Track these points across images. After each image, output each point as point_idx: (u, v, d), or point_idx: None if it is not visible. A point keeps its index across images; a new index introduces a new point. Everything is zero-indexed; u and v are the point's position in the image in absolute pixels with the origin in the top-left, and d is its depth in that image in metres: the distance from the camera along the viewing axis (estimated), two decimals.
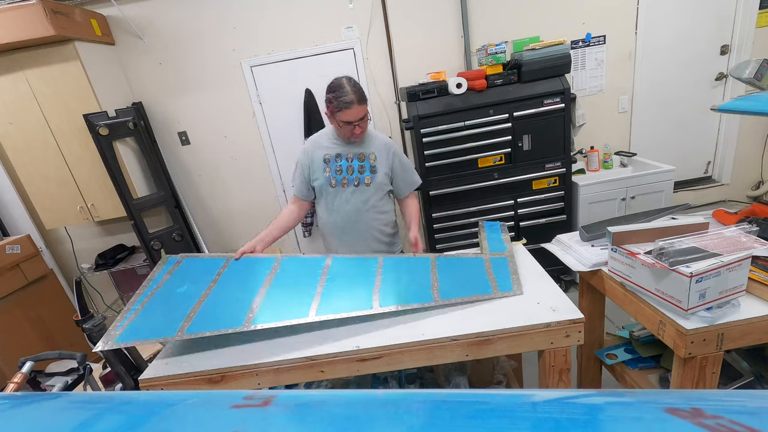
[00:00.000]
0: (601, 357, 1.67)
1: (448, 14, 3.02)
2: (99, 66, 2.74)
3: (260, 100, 3.18)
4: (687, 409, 0.32)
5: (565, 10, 3.03)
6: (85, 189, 2.85)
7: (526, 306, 1.26)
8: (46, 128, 2.68)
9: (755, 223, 1.33)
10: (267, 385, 1.22)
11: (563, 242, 1.60)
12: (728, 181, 3.49)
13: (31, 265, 2.87)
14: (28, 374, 1.38)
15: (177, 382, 1.21)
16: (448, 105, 2.65)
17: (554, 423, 0.33)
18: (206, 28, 2.98)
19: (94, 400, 0.50)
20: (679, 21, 3.09)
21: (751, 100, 1.41)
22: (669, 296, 1.11)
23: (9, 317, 2.68)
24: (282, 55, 3.07)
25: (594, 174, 3.12)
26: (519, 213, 2.88)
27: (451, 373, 1.62)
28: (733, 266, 1.06)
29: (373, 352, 1.18)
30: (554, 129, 2.70)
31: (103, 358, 1.58)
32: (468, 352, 1.19)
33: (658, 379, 1.50)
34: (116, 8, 2.80)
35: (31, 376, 1.42)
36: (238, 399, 0.41)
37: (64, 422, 0.43)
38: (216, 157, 3.31)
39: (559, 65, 2.59)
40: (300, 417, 0.39)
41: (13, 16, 2.30)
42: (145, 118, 3.08)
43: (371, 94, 3.18)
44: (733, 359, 1.44)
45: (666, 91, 3.25)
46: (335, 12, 2.99)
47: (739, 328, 1.09)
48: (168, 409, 0.43)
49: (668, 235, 1.19)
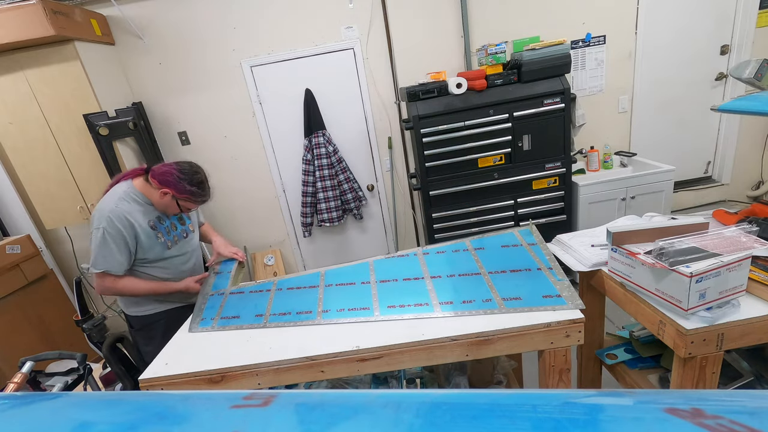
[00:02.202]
0: (601, 357, 1.67)
1: (448, 14, 3.02)
2: (99, 66, 2.74)
3: (260, 100, 3.18)
4: (687, 409, 0.32)
5: (565, 10, 3.03)
6: (85, 189, 2.85)
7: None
8: (46, 128, 2.68)
9: (755, 223, 1.33)
10: (267, 385, 1.22)
11: (563, 242, 1.60)
12: (728, 181, 3.49)
13: (31, 265, 2.87)
14: (28, 374, 1.38)
15: (177, 382, 1.21)
16: (448, 105, 2.65)
17: (554, 423, 0.33)
18: (206, 28, 2.98)
19: (94, 400, 0.50)
20: (679, 21, 3.09)
21: (751, 100, 1.41)
22: (669, 296, 1.11)
23: (9, 317, 2.68)
24: (282, 55, 3.07)
25: (594, 174, 3.12)
26: (519, 213, 2.88)
27: (451, 373, 1.62)
28: (733, 266, 1.06)
29: (373, 352, 1.18)
30: (554, 129, 2.70)
31: (103, 358, 1.58)
32: (468, 352, 1.19)
33: (658, 379, 1.49)
34: (116, 8, 2.80)
35: (31, 376, 1.42)
36: (238, 399, 0.41)
37: (64, 422, 0.43)
38: (216, 157, 3.31)
39: (559, 65, 2.59)
40: (300, 417, 0.39)
41: (13, 16, 2.30)
42: (145, 118, 3.08)
43: (371, 94, 3.19)
44: (733, 359, 1.44)
45: (666, 91, 3.26)
46: (335, 12, 2.99)
47: (739, 328, 1.09)
48: (168, 409, 0.43)
49: (668, 235, 1.19)
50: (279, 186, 3.42)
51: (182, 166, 1.60)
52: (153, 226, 1.64)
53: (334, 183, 3.23)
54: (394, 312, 1.32)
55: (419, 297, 1.37)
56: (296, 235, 3.58)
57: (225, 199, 3.43)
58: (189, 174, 1.58)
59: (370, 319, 1.31)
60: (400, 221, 3.56)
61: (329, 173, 3.20)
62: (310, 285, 1.54)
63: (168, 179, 1.56)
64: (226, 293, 1.60)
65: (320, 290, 1.50)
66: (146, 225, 1.62)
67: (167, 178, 1.56)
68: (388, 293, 1.42)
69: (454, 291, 1.37)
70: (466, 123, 2.67)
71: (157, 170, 1.58)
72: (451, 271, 1.47)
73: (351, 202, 3.31)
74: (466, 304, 1.30)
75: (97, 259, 1.55)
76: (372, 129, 3.28)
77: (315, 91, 3.13)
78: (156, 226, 1.65)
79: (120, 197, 1.58)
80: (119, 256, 1.56)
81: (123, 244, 1.56)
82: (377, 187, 3.47)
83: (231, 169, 3.35)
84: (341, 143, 3.27)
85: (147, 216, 1.63)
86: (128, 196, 1.60)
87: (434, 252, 1.60)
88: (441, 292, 1.38)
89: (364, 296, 1.42)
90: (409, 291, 1.41)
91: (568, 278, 1.33)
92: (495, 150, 2.73)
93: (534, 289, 1.31)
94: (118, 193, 1.60)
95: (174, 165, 1.59)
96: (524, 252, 1.51)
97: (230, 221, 3.50)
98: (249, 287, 1.62)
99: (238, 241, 3.55)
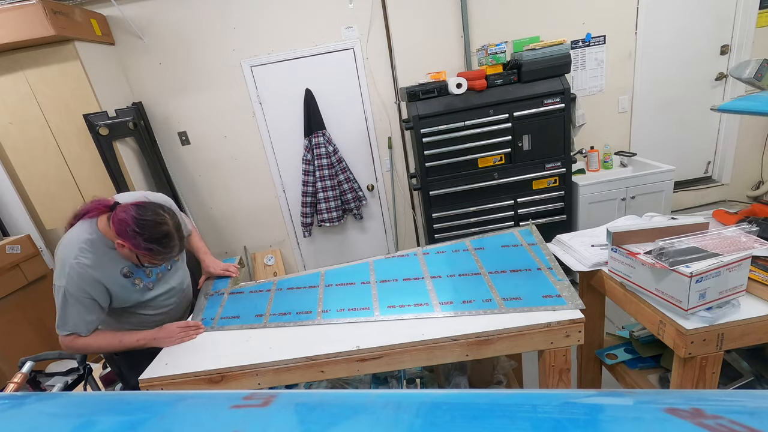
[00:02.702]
0: (601, 357, 1.67)
1: (448, 14, 3.02)
2: (99, 66, 2.74)
3: (260, 100, 3.18)
4: (687, 409, 0.32)
5: (565, 10, 3.03)
6: (85, 189, 2.85)
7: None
8: (46, 128, 2.68)
9: (755, 223, 1.33)
10: (267, 385, 1.22)
11: (563, 242, 1.60)
12: (728, 181, 3.49)
13: (31, 265, 2.87)
14: (28, 374, 1.38)
15: (177, 382, 1.21)
16: (448, 105, 2.65)
17: (554, 423, 0.33)
18: (206, 28, 2.98)
19: (94, 400, 0.50)
20: (679, 21, 3.09)
21: (751, 100, 1.41)
22: (669, 296, 1.11)
23: (9, 317, 2.68)
24: (282, 55, 3.07)
25: (594, 174, 3.12)
26: (519, 213, 2.88)
27: (451, 373, 1.62)
28: (733, 266, 1.06)
29: (373, 352, 1.18)
30: (554, 129, 2.70)
31: (103, 358, 1.58)
32: (468, 352, 1.19)
33: (658, 379, 1.49)
34: (116, 8, 2.80)
35: (31, 376, 1.42)
36: (238, 399, 0.41)
37: (64, 422, 0.43)
38: (216, 157, 3.31)
39: (559, 65, 2.59)
40: (300, 417, 0.39)
41: (13, 16, 2.30)
42: (145, 118, 3.08)
43: (371, 94, 3.19)
44: (733, 359, 1.44)
45: (666, 91, 3.26)
46: (335, 12, 2.99)
47: (739, 328, 1.09)
48: (168, 409, 0.43)
49: (668, 235, 1.19)
50: (279, 186, 3.42)
51: (143, 214, 1.25)
52: (127, 273, 1.38)
53: (334, 183, 3.23)
54: (394, 312, 1.32)
55: (419, 297, 1.37)
56: (296, 235, 3.58)
57: (225, 199, 3.43)
58: (149, 227, 1.24)
59: (370, 319, 1.31)
60: (400, 221, 3.56)
61: (329, 173, 3.20)
62: (310, 285, 1.54)
63: (123, 230, 1.24)
64: (226, 293, 1.60)
65: (320, 290, 1.50)
66: (118, 274, 1.36)
67: (122, 228, 1.25)
68: (388, 293, 1.42)
69: (454, 291, 1.37)
70: (466, 123, 2.67)
71: (116, 215, 1.27)
72: (451, 271, 1.47)
73: (351, 202, 3.31)
74: (466, 304, 1.30)
75: (61, 320, 1.31)
76: (372, 129, 3.28)
77: (315, 91, 3.13)
78: (131, 272, 1.39)
79: (80, 246, 1.29)
80: (87, 316, 1.32)
81: (90, 303, 1.31)
82: (377, 187, 3.47)
83: (231, 169, 3.35)
84: (341, 143, 3.27)
85: (118, 263, 1.36)
86: (90, 243, 1.30)
87: (434, 252, 1.60)
88: (441, 292, 1.38)
89: (364, 296, 1.42)
90: (409, 291, 1.41)
91: (568, 278, 1.33)
92: (495, 150, 2.73)
93: (534, 289, 1.31)
94: (78, 239, 1.30)
95: (134, 211, 1.26)
96: (524, 252, 1.51)
97: (230, 221, 3.50)
98: (249, 287, 1.62)
99: (238, 241, 3.55)
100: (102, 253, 1.32)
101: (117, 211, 1.28)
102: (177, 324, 1.40)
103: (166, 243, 1.27)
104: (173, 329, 1.38)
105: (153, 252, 1.27)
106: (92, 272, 1.30)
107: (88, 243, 1.30)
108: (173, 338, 1.36)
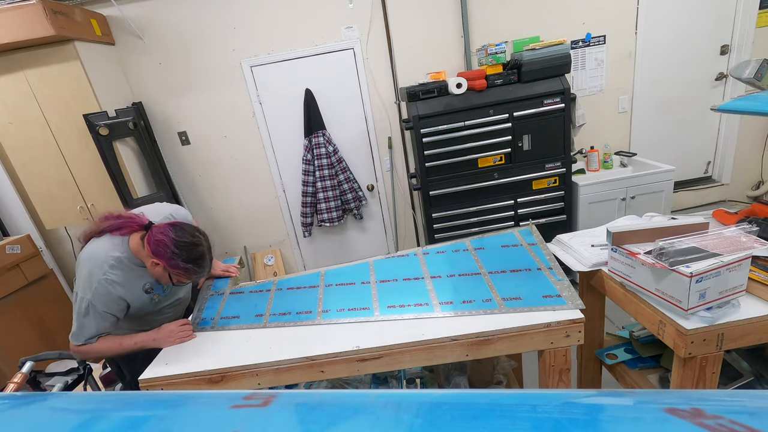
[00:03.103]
0: (601, 357, 1.67)
1: (448, 14, 3.02)
2: (99, 66, 2.74)
3: (260, 100, 3.18)
4: (687, 409, 0.32)
5: (565, 10, 3.03)
6: (85, 189, 2.85)
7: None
8: (46, 128, 2.68)
9: (755, 223, 1.33)
10: (267, 385, 1.22)
11: (563, 242, 1.60)
12: (728, 181, 3.49)
13: (31, 265, 2.87)
14: (28, 374, 1.38)
15: (177, 382, 1.21)
16: (448, 105, 2.65)
17: (554, 423, 0.33)
18: (206, 28, 2.98)
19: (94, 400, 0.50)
20: (679, 21, 3.09)
21: (751, 100, 1.41)
22: (669, 296, 1.11)
23: (9, 317, 2.68)
24: (282, 55, 3.07)
25: (594, 174, 3.12)
26: (519, 213, 2.88)
27: (451, 373, 1.62)
28: (733, 266, 1.06)
29: (373, 352, 1.18)
30: (554, 129, 2.70)
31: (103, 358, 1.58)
32: (468, 352, 1.19)
33: (658, 379, 1.49)
34: (116, 8, 2.80)
35: (31, 376, 1.42)
36: (238, 399, 0.41)
37: (64, 422, 0.43)
38: (216, 157, 3.31)
39: (559, 65, 2.59)
40: (300, 417, 0.39)
41: (13, 16, 2.30)
42: (145, 118, 3.08)
43: (371, 94, 3.19)
44: (733, 359, 1.44)
45: (666, 91, 3.25)
46: (335, 12, 2.99)
47: (739, 328, 1.09)
48: (168, 409, 0.43)
49: (668, 235, 1.19)
50: (279, 186, 3.42)
51: (182, 236, 1.32)
52: (148, 288, 1.44)
53: (334, 183, 3.23)
54: (394, 312, 1.32)
55: (419, 297, 1.37)
56: (296, 235, 3.58)
57: (225, 199, 3.43)
58: (186, 248, 1.31)
59: (370, 319, 1.31)
60: (400, 221, 3.56)
61: (329, 173, 3.20)
62: (310, 285, 1.54)
63: (161, 251, 1.30)
64: (226, 293, 1.60)
65: (320, 290, 1.50)
66: (140, 290, 1.42)
67: (160, 249, 1.30)
68: (388, 293, 1.42)
69: (454, 291, 1.37)
70: (466, 123, 2.66)
71: (153, 236, 1.32)
72: (451, 271, 1.47)
73: (351, 202, 3.31)
74: (466, 304, 1.30)
75: (79, 330, 1.36)
76: (372, 129, 3.28)
77: (315, 91, 3.13)
78: (153, 287, 1.45)
79: (110, 263, 1.34)
80: (102, 328, 1.38)
81: (109, 317, 1.37)
82: (377, 187, 3.47)
83: (231, 169, 3.35)
84: (341, 143, 3.27)
85: (143, 279, 1.42)
86: (119, 261, 1.36)
87: (434, 252, 1.60)
88: (441, 292, 1.38)
89: (364, 296, 1.42)
90: (409, 291, 1.41)
91: (568, 278, 1.33)
92: (495, 150, 2.73)
93: (534, 289, 1.31)
94: (107, 255, 1.35)
95: (172, 233, 1.32)
96: (524, 252, 1.51)
97: (230, 221, 3.50)
98: (249, 287, 1.62)
99: (238, 241, 3.55)
100: (129, 271, 1.38)
101: (153, 231, 1.34)
102: (176, 323, 1.42)
103: (200, 263, 1.34)
104: (172, 329, 1.40)
105: (188, 272, 1.33)
106: (119, 289, 1.36)
107: (117, 260, 1.36)
108: (173, 338, 1.38)
